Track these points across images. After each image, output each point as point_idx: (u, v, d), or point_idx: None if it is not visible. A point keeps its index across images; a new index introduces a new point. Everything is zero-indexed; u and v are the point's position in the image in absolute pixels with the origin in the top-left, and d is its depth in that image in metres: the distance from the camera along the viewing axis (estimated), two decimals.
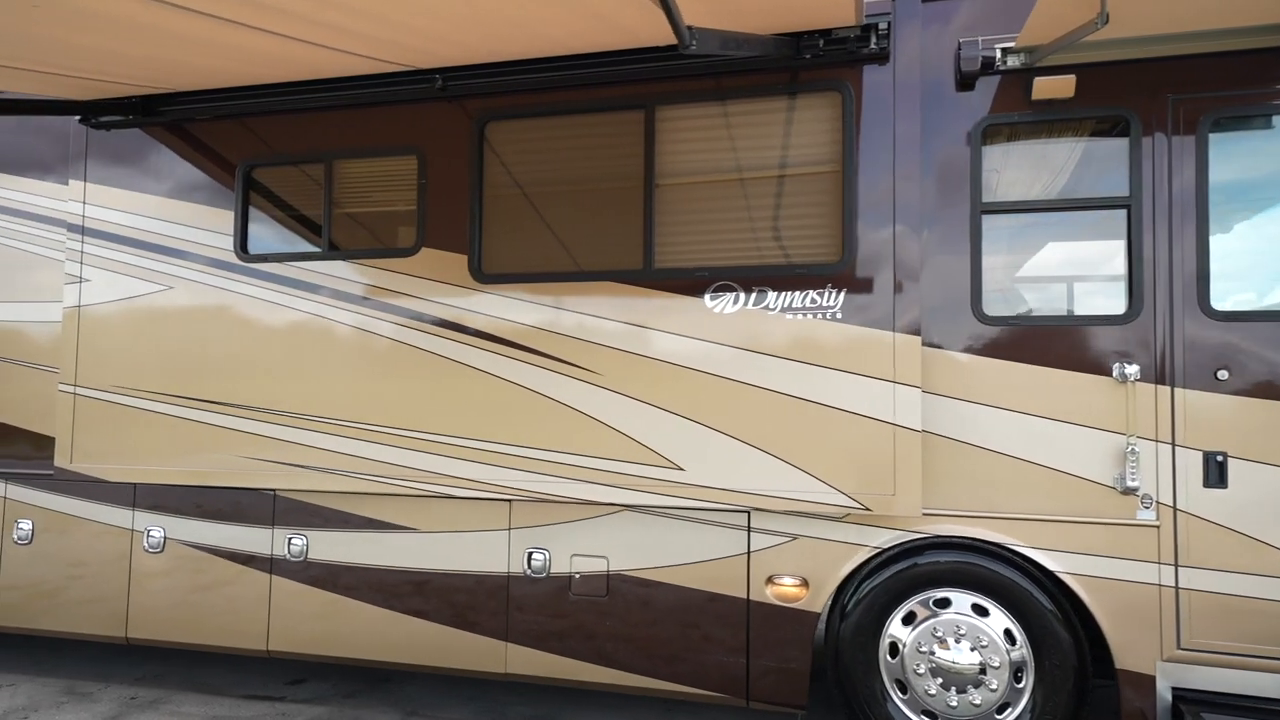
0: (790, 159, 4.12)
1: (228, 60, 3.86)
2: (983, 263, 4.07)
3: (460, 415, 4.43)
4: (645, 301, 4.20)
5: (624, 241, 4.27)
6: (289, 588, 4.94)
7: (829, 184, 4.05)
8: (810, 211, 4.07)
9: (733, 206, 4.15)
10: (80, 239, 5.09)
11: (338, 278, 4.67)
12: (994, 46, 4.02)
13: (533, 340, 4.35)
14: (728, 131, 4.19)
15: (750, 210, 4.14)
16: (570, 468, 4.28)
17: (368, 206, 4.84)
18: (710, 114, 4.22)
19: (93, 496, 5.28)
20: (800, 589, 4.25)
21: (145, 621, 5.20)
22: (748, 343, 4.06)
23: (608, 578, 4.47)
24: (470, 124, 4.51)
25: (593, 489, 4.24)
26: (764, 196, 4.13)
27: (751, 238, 4.12)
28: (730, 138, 4.18)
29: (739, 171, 4.16)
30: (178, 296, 4.91)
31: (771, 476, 4.01)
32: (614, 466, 4.21)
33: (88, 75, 4.08)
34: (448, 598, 4.68)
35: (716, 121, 4.22)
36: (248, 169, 4.89)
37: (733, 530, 4.31)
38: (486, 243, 4.47)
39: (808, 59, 3.93)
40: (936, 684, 4.09)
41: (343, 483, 4.59)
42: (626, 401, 4.19)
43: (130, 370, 4.97)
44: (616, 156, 4.34)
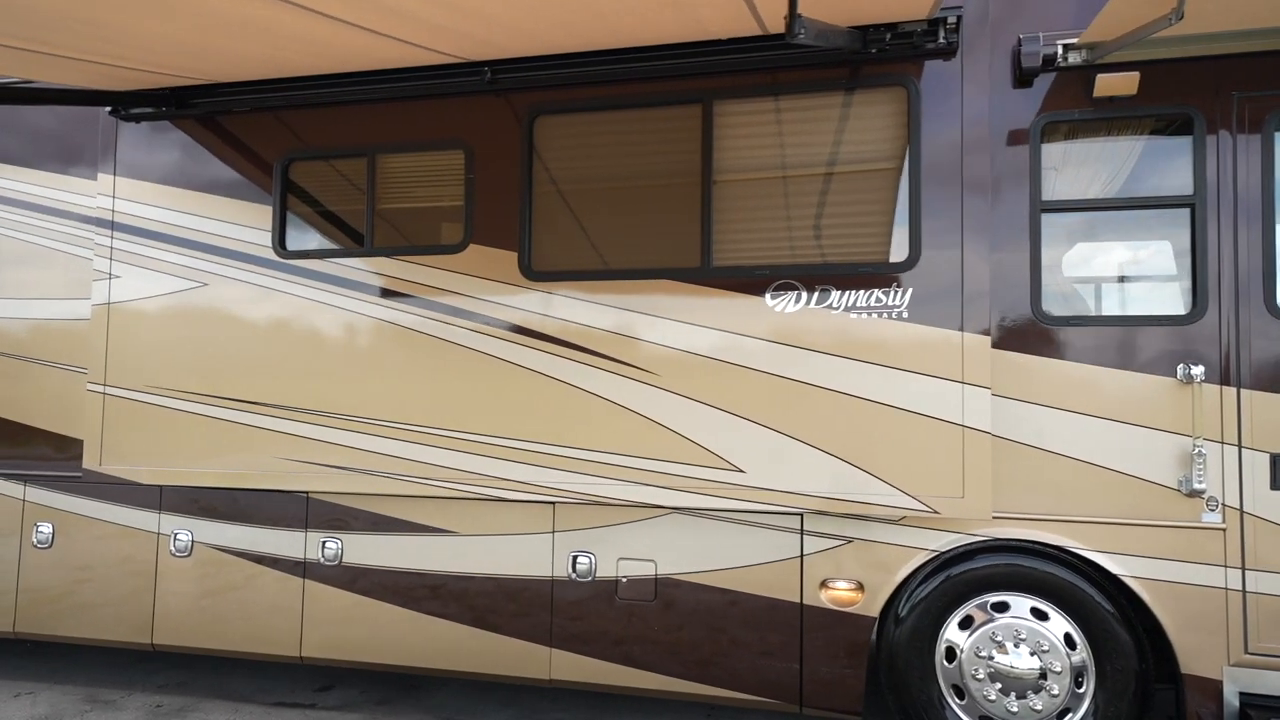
0: (852, 155, 4.05)
1: (274, 47, 3.74)
2: (1042, 262, 4.01)
3: (509, 416, 4.33)
4: (703, 300, 4.12)
5: (680, 239, 4.18)
6: (323, 592, 4.83)
7: (894, 181, 3.98)
8: (875, 209, 4.00)
9: (793, 204, 4.08)
10: (109, 234, 4.94)
11: (380, 275, 4.56)
12: (1055, 43, 3.96)
13: (585, 339, 4.25)
14: (787, 127, 4.11)
15: (811, 207, 4.07)
16: (625, 470, 4.19)
17: (412, 202, 4.73)
18: (770, 109, 4.14)
19: (116, 499, 5.14)
20: (855, 593, 4.19)
21: (172, 627, 5.06)
22: (811, 342, 3.98)
23: (655, 582, 4.38)
24: (520, 118, 4.41)
25: (649, 491, 4.15)
26: (825, 193, 4.06)
27: (813, 235, 4.04)
28: (790, 133, 4.10)
29: (799, 168, 4.09)
30: (213, 293, 4.78)
31: (836, 479, 3.94)
32: (671, 469, 4.12)
33: (121, 63, 3.94)
34: (489, 602, 4.57)
35: (776, 117, 4.14)
36: (286, 163, 4.76)
37: (785, 533, 4.24)
38: (536, 239, 4.38)
39: (873, 53, 3.85)
40: (995, 689, 4.03)
41: (388, 485, 4.48)
42: (684, 402, 4.10)
43: (163, 369, 4.83)
44: (672, 152, 4.25)
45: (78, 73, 4.17)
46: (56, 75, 4.28)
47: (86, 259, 5.15)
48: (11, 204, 5.35)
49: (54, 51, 3.73)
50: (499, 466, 4.34)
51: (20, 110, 5.34)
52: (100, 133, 5.05)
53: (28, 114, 5.37)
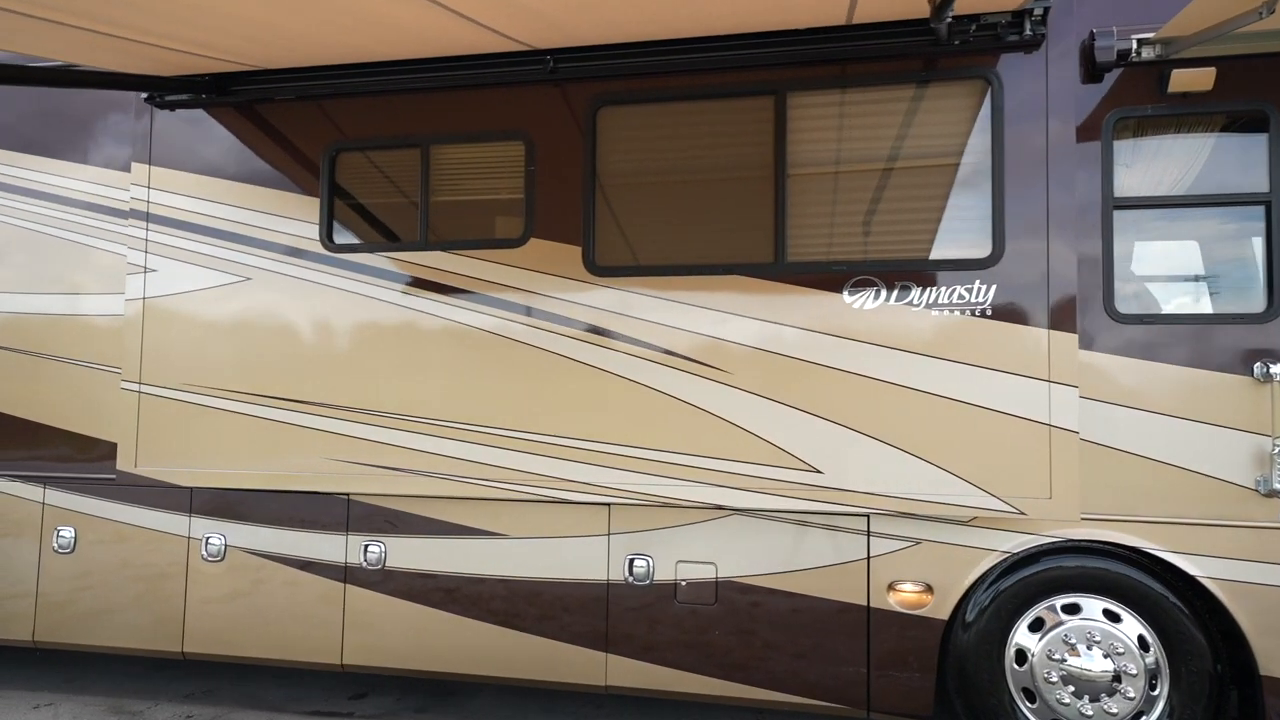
0: (932, 148, 3.97)
1: (343, 29, 3.58)
2: (1114, 259, 3.96)
3: (571, 414, 4.21)
4: (778, 297, 4.02)
5: (752, 234, 4.08)
6: (366, 598, 4.67)
7: (975, 175, 3.91)
8: (956, 204, 3.93)
9: (870, 198, 4.00)
10: (144, 226, 4.74)
11: (434, 269, 4.41)
12: (1130, 37, 3.91)
13: (653, 336, 4.14)
14: (864, 120, 4.03)
15: (890, 202, 3.98)
16: (695, 470, 4.08)
17: (468, 194, 4.59)
18: (846, 101, 4.06)
19: (143, 501, 4.94)
20: (924, 595, 4.11)
21: (204, 635, 4.87)
22: (891, 340, 3.90)
23: (716, 585, 4.28)
24: (582, 109, 4.28)
25: (720, 493, 4.05)
26: (905, 188, 3.98)
27: (892, 231, 3.96)
28: (867, 126, 4.02)
29: (876, 161, 4.01)
30: (256, 288, 4.60)
31: (918, 480, 3.86)
32: (745, 469, 4.02)
33: (171, 43, 3.75)
34: (542, 607, 4.45)
35: (853, 109, 4.05)
36: (333, 154, 4.59)
37: (851, 534, 4.16)
38: (601, 234, 4.25)
39: (955, 45, 3.77)
40: (1069, 692, 3.97)
41: (445, 487, 4.34)
42: (759, 401, 4.00)
43: (202, 367, 4.64)
44: (742, 145, 4.15)
45: (120, 54, 3.97)
46: (97, 57, 4.08)
47: (113, 252, 4.94)
48: (33, 195, 5.12)
49: (100, 29, 3.54)
50: (560, 467, 4.22)
51: (38, 97, 5.11)
52: (133, 121, 4.84)
53: (46, 101, 5.15)
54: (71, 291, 5.06)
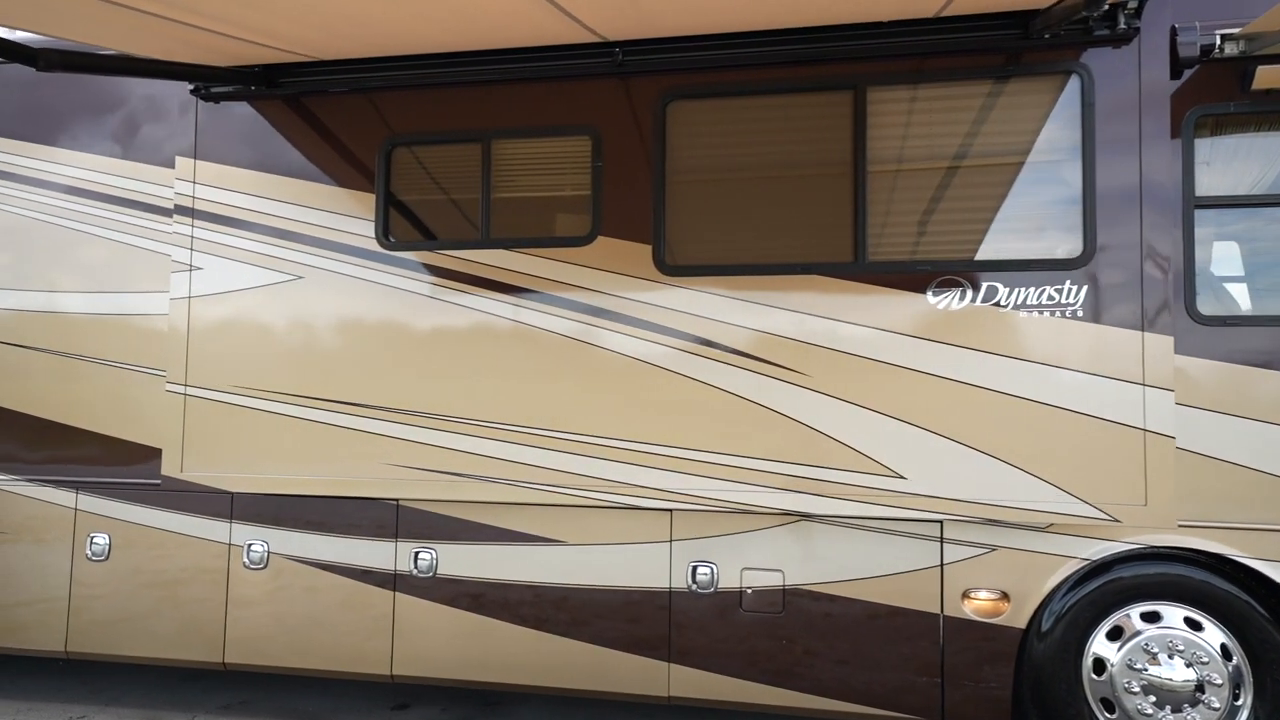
0: (1018, 145, 3.88)
1: (419, 17, 3.43)
2: (1195, 259, 3.88)
3: (640, 418, 4.09)
4: (858, 297, 3.92)
5: (829, 233, 3.98)
6: (417, 606, 4.53)
7: (1064, 173, 3.81)
8: (1044, 202, 3.84)
9: (956, 196, 3.90)
10: (190, 222, 4.58)
11: (496, 268, 4.28)
12: (1214, 33, 3.82)
13: (727, 337, 4.03)
14: (947, 115, 3.93)
15: (975, 200, 3.89)
16: (770, 476, 3.97)
17: (532, 191, 4.46)
18: (928, 96, 3.96)
19: (181, 507, 4.77)
20: (1001, 603, 4.02)
21: (246, 645, 4.72)
22: (977, 342, 3.80)
23: (783, 592, 4.17)
24: (652, 103, 4.16)
25: (800, 499, 3.94)
26: (990, 186, 3.89)
27: (979, 230, 3.87)
28: (950, 122, 3.92)
29: (960, 158, 3.91)
30: (308, 287, 4.44)
31: (1007, 486, 3.76)
32: (823, 474, 3.92)
33: (230, 30, 3.60)
34: (601, 615, 4.33)
35: (935, 104, 3.96)
36: (389, 148, 4.45)
37: (923, 541, 4.06)
38: (672, 232, 4.13)
39: (1046, 38, 3.68)
40: (1150, 702, 3.89)
41: (510, 493, 4.21)
42: (839, 405, 3.90)
43: (251, 368, 4.48)
44: (819, 140, 4.05)
45: (175, 41, 3.80)
46: (150, 44, 3.91)
47: (152, 250, 4.77)
48: (67, 191, 4.95)
49: (164, 13, 3.38)
50: (628, 472, 4.10)
51: (72, 88, 4.94)
52: (177, 113, 4.68)
53: (81, 92, 4.97)
54: (107, 290, 4.88)
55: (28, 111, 5.02)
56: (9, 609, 4.95)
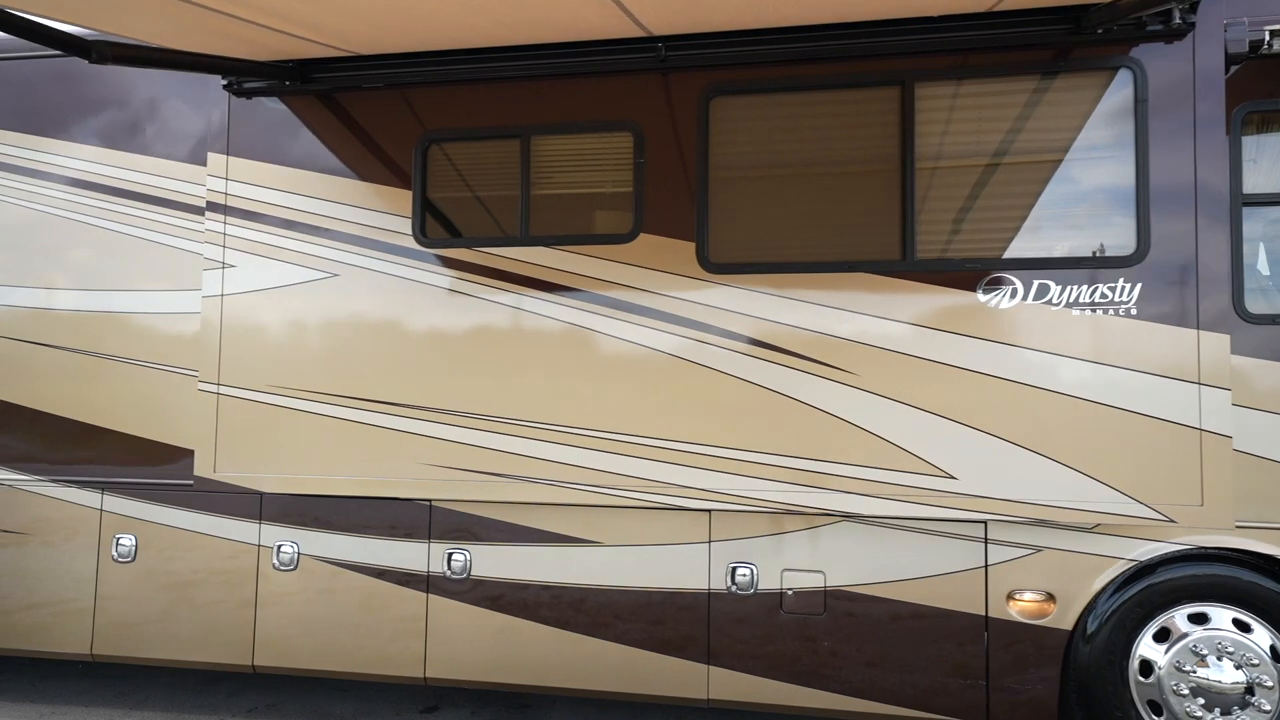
0: (1070, 141, 3.83)
1: (469, 11, 3.36)
2: (1244, 257, 3.84)
3: (683, 418, 4.04)
4: (907, 296, 3.87)
5: (877, 230, 3.94)
6: (450, 608, 4.47)
7: (1117, 169, 3.77)
8: (1097, 199, 3.79)
9: (1005, 193, 3.85)
10: (222, 219, 4.52)
11: (536, 265, 4.22)
12: (1263, 28, 3.79)
13: (773, 336, 3.98)
14: (996, 111, 3.89)
15: (1026, 197, 3.84)
16: (816, 475, 3.92)
17: (572, 187, 4.40)
18: (977, 92, 3.92)
19: (209, 508, 4.71)
20: (1046, 604, 3.98)
21: (276, 647, 4.65)
22: (1029, 341, 3.76)
23: (824, 594, 4.12)
24: (695, 98, 4.11)
25: (847, 499, 3.90)
26: (1042, 182, 3.84)
27: (1029, 227, 3.82)
28: (999, 118, 3.88)
29: (1010, 155, 3.87)
30: (344, 285, 4.38)
31: (1059, 486, 3.72)
32: (870, 474, 3.87)
33: (274, 22, 3.53)
34: (638, 617, 4.27)
35: (984, 100, 3.92)
36: (426, 144, 4.39)
37: (967, 542, 4.01)
38: (716, 229, 4.08)
39: (1099, 33, 3.64)
40: (1198, 705, 3.84)
41: (546, 493, 4.16)
42: (887, 404, 3.85)
43: (285, 367, 4.42)
44: (865, 137, 4.00)
45: (214, 34, 3.74)
46: (190, 37, 3.85)
47: (183, 248, 4.71)
48: (90, 187, 4.88)
49: (204, 2, 3.31)
50: (671, 472, 4.05)
51: (98, 83, 4.88)
52: (209, 109, 4.62)
53: (107, 88, 4.91)
54: (134, 289, 4.81)
55: (51, 108, 4.95)
56: (33, 611, 4.88)
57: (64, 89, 4.95)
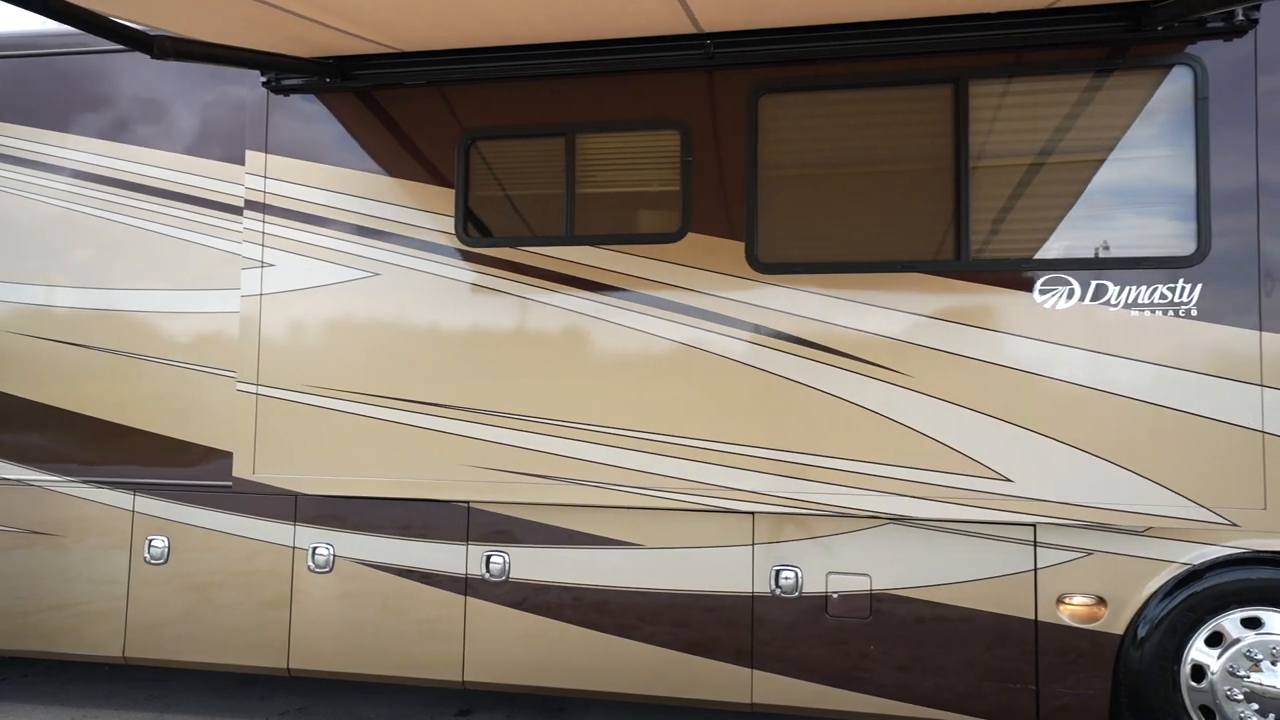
0: (1128, 140, 3.78)
1: (530, 6, 3.30)
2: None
3: (733, 419, 4.00)
4: (962, 296, 3.83)
5: (930, 230, 3.89)
6: (489, 611, 4.42)
7: (1177, 168, 3.72)
8: (1156, 198, 3.75)
9: (1062, 192, 3.81)
10: (261, 218, 4.47)
11: (580, 265, 4.18)
12: None
13: (824, 337, 3.93)
14: (1052, 109, 3.84)
15: (1083, 196, 3.79)
16: (868, 478, 3.88)
17: (618, 186, 4.35)
18: (1032, 90, 3.87)
19: (243, 509, 4.66)
20: (1097, 608, 3.93)
21: (311, 650, 4.60)
22: (1086, 342, 3.72)
23: (870, 597, 4.08)
24: (744, 96, 4.06)
25: (900, 502, 3.85)
26: (1099, 182, 3.79)
27: (1087, 227, 3.77)
28: (1056, 116, 3.83)
29: (1067, 153, 3.82)
30: (386, 284, 4.33)
31: (1117, 489, 3.68)
32: (924, 476, 3.82)
33: (324, 16, 3.48)
34: (680, 621, 4.23)
35: (1039, 98, 3.87)
36: (468, 142, 4.34)
37: (1016, 545, 3.97)
38: (766, 228, 4.03)
39: (1159, 30, 3.59)
40: (1253, 710, 3.80)
41: (590, 494, 4.12)
42: (941, 405, 3.81)
43: (326, 367, 4.37)
44: (918, 135, 3.95)
45: (257, 27, 3.68)
46: (230, 30, 3.79)
47: (216, 248, 4.66)
48: (127, 187, 4.83)
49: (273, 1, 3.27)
50: (719, 474, 4.01)
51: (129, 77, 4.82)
52: (247, 106, 4.57)
53: (140, 82, 4.86)
54: (169, 288, 4.76)
55: (84, 103, 4.91)
56: (64, 613, 4.84)
57: (98, 86, 4.90)
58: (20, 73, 5.01)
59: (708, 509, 4.09)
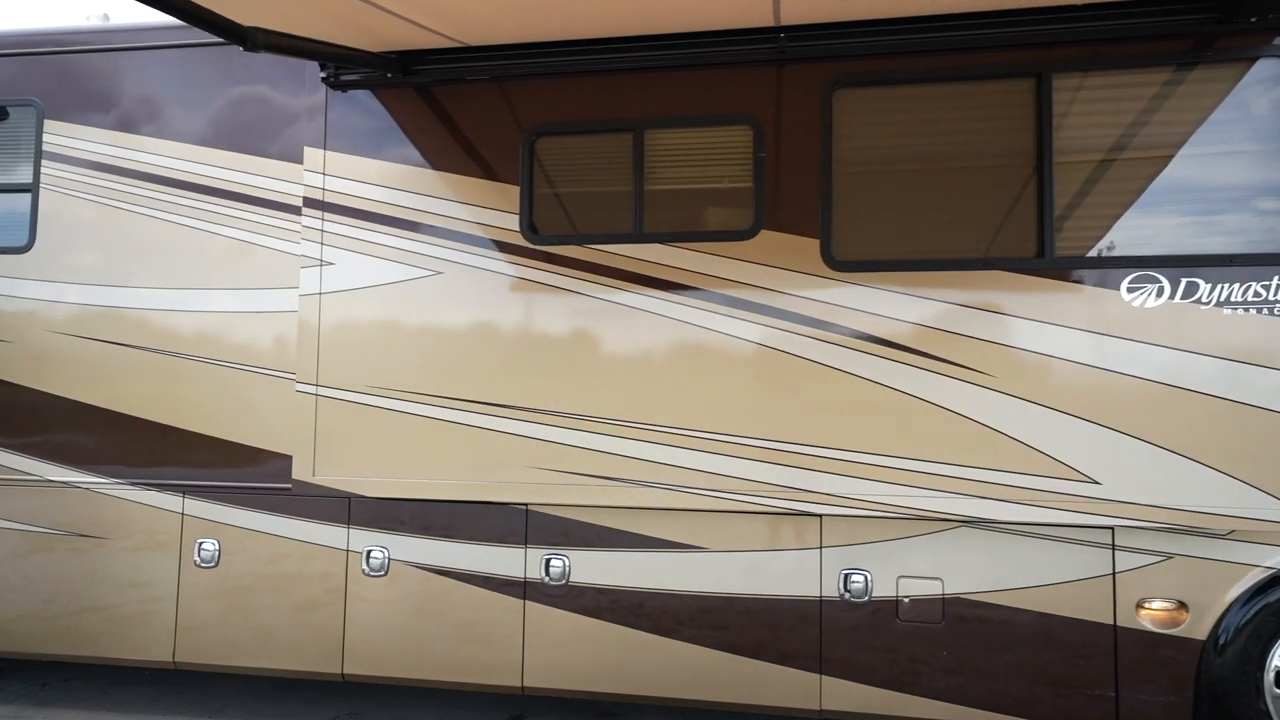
0: (1217, 134, 3.71)
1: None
2: None
3: (808, 419, 3.93)
4: (1045, 294, 3.75)
5: (1011, 227, 3.82)
6: (549, 615, 4.34)
7: (1269, 162, 3.64)
8: (1249, 193, 3.67)
9: (1150, 187, 3.73)
10: (320, 216, 4.39)
11: (649, 263, 4.10)
12: None
13: (902, 335, 3.86)
14: (1138, 104, 3.76)
15: (1172, 192, 3.72)
16: (948, 480, 3.80)
17: (688, 183, 4.28)
18: (1117, 83, 3.80)
19: (296, 512, 4.58)
20: (1179, 613, 3.85)
21: (368, 655, 4.52)
22: (1176, 341, 3.64)
23: (943, 602, 3.99)
24: (818, 91, 3.99)
25: (980, 504, 3.77)
26: (1189, 176, 3.72)
27: (1177, 223, 3.70)
28: (1143, 110, 3.75)
29: (1155, 148, 3.74)
30: (449, 283, 4.26)
31: (1209, 491, 3.60)
32: (1007, 479, 3.75)
33: (400, 9, 3.41)
34: (745, 626, 4.15)
35: (1124, 92, 3.79)
36: (533, 138, 4.27)
37: (1093, 548, 3.88)
38: (841, 225, 3.96)
39: (1252, 22, 3.51)
40: None
41: (663, 498, 4.05)
42: (1025, 406, 3.73)
43: (387, 367, 4.30)
44: (999, 130, 3.88)
45: (331, 19, 3.60)
46: (305, 21, 3.71)
47: (271, 247, 4.59)
48: (180, 186, 4.75)
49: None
50: (791, 476, 3.94)
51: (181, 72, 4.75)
52: (305, 102, 4.49)
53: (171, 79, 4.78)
54: (222, 288, 4.68)
55: (137, 103, 4.84)
56: (112, 617, 4.76)
57: (147, 84, 4.83)
58: (76, 68, 4.94)
59: (775, 511, 4.01)
